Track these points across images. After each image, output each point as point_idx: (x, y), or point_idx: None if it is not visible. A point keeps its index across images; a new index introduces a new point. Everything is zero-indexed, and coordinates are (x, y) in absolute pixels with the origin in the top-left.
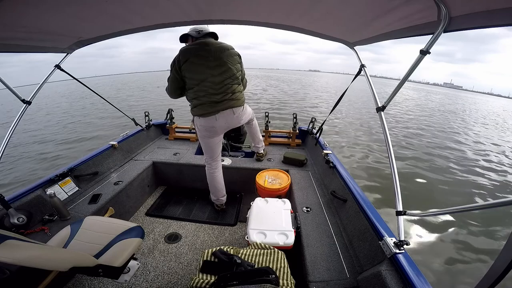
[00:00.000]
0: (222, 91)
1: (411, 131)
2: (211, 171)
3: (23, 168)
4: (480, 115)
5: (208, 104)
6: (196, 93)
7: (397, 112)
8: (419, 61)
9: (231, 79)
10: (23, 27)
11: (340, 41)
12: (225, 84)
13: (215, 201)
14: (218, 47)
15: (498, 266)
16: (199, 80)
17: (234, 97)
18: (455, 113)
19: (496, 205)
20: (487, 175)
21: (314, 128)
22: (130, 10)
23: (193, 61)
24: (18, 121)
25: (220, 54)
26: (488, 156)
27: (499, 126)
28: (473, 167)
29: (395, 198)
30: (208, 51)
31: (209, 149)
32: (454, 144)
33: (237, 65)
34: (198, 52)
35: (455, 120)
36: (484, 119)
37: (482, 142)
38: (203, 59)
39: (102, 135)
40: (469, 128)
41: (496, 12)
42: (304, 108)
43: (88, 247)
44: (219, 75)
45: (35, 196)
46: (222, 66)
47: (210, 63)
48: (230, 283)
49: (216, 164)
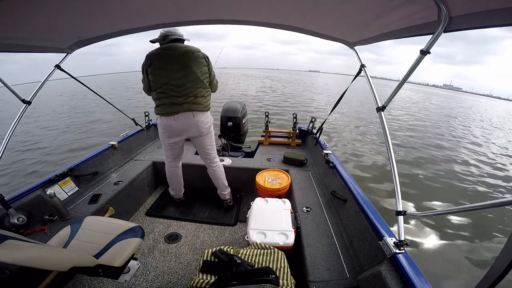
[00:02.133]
0: (183, 94)
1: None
2: (170, 169)
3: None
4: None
5: (168, 104)
6: (159, 95)
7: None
8: (419, 61)
9: (194, 83)
10: (23, 27)
11: (340, 41)
12: (187, 88)
13: (174, 196)
14: (181, 52)
15: (498, 266)
16: (161, 83)
17: (196, 101)
18: (455, 118)
19: (496, 205)
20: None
21: (314, 128)
22: (130, 10)
23: (157, 65)
24: (18, 121)
25: (183, 58)
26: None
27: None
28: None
29: (395, 198)
30: (171, 56)
31: (168, 150)
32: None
33: (203, 68)
34: (161, 57)
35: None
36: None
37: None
38: (166, 63)
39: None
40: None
41: (496, 12)
42: (300, 111)
43: (88, 247)
44: (181, 78)
45: (35, 196)
46: (185, 70)
47: (173, 66)
48: (230, 283)
49: (176, 164)
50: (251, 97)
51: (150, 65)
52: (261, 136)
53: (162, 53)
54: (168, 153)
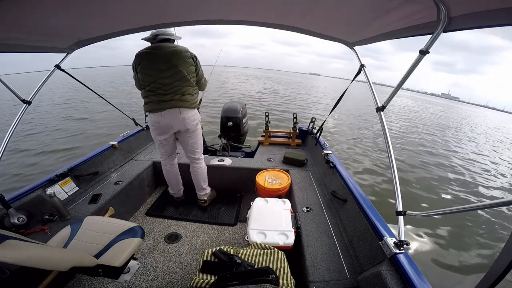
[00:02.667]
0: (170, 92)
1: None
2: (166, 167)
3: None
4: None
5: (155, 102)
6: (147, 93)
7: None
8: (418, 61)
9: (181, 81)
10: (23, 27)
11: (340, 41)
12: (174, 86)
13: (174, 195)
14: (169, 51)
15: (498, 266)
16: (149, 82)
17: (183, 99)
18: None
19: (496, 205)
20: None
21: (314, 128)
22: (130, 10)
23: (145, 64)
24: (18, 121)
25: (170, 58)
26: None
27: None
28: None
29: (395, 198)
30: (159, 55)
31: (160, 147)
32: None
33: (190, 68)
34: (149, 56)
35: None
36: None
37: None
38: (154, 62)
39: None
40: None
41: (495, 12)
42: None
43: (88, 247)
44: (168, 77)
45: (35, 196)
46: (172, 69)
47: (160, 66)
48: (230, 283)
49: (171, 162)
50: (252, 97)
51: (139, 64)
52: (261, 136)
53: (150, 52)
54: (161, 150)
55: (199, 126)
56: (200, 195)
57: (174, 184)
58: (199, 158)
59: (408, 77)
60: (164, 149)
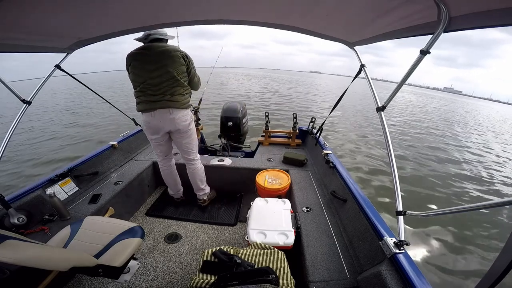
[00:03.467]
0: (160, 92)
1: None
2: (163, 168)
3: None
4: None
5: (146, 102)
6: (138, 93)
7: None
8: (419, 61)
9: (170, 82)
10: (23, 27)
11: (340, 41)
12: (163, 87)
13: (174, 195)
14: (159, 51)
15: (498, 266)
16: (140, 82)
17: (173, 99)
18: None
19: (496, 205)
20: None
21: (314, 128)
22: (130, 10)
23: (135, 65)
24: (18, 121)
25: (159, 58)
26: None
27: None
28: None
29: (395, 198)
30: (148, 56)
31: (155, 147)
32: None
33: (180, 68)
34: (139, 57)
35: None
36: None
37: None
38: (143, 63)
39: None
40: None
41: (496, 12)
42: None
43: (88, 247)
44: (157, 77)
45: (35, 196)
46: (160, 69)
47: (149, 66)
48: (230, 283)
49: (169, 163)
50: (251, 99)
51: (129, 64)
52: (261, 136)
53: (140, 53)
54: (157, 150)
55: (192, 126)
56: (199, 195)
57: (173, 185)
58: (194, 158)
59: (408, 77)
60: (160, 149)
